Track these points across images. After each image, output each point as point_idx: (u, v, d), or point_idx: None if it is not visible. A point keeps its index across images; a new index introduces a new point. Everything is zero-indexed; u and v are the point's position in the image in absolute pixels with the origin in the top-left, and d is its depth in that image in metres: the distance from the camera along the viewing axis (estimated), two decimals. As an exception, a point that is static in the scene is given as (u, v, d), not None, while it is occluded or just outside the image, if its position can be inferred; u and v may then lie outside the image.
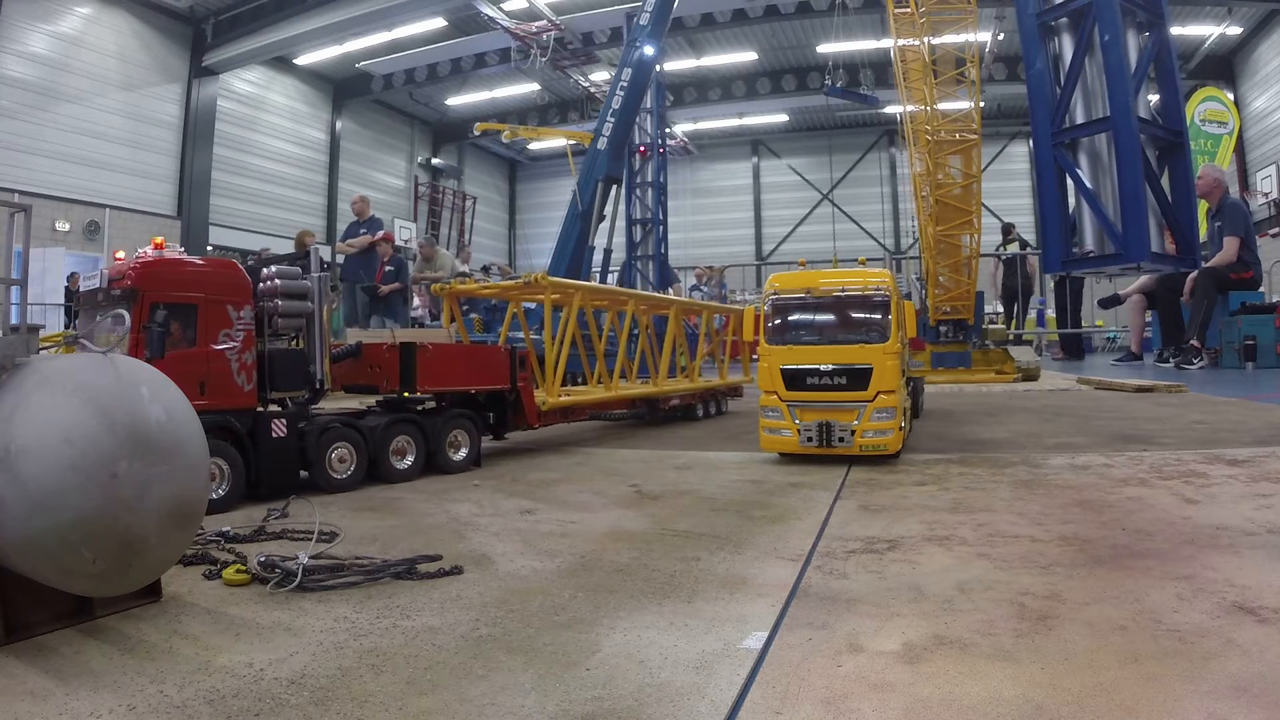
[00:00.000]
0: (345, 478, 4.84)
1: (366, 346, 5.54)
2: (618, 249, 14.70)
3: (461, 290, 7.39)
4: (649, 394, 7.99)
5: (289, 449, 4.64)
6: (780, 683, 1.99)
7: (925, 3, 12.53)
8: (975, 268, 13.41)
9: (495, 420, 6.15)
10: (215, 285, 4.49)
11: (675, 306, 8.75)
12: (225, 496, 4.24)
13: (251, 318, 4.59)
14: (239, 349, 4.48)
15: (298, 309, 4.89)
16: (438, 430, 5.40)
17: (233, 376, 4.45)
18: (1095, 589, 2.60)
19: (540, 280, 6.47)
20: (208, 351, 4.36)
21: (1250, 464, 4.70)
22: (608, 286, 9.88)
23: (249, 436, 4.46)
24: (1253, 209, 18.84)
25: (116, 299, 4.20)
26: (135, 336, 4.03)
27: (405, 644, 2.31)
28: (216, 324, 4.41)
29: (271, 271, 4.87)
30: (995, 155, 27.74)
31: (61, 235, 17.78)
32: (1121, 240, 9.25)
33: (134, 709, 1.92)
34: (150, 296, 4.13)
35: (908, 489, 4.44)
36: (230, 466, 4.30)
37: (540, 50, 21.60)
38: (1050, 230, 10.46)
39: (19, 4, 17.01)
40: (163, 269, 4.30)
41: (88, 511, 2.23)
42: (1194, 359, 12.87)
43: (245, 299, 4.57)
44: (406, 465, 5.20)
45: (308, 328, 4.99)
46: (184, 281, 4.37)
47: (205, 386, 4.29)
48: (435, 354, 5.56)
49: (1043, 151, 10.18)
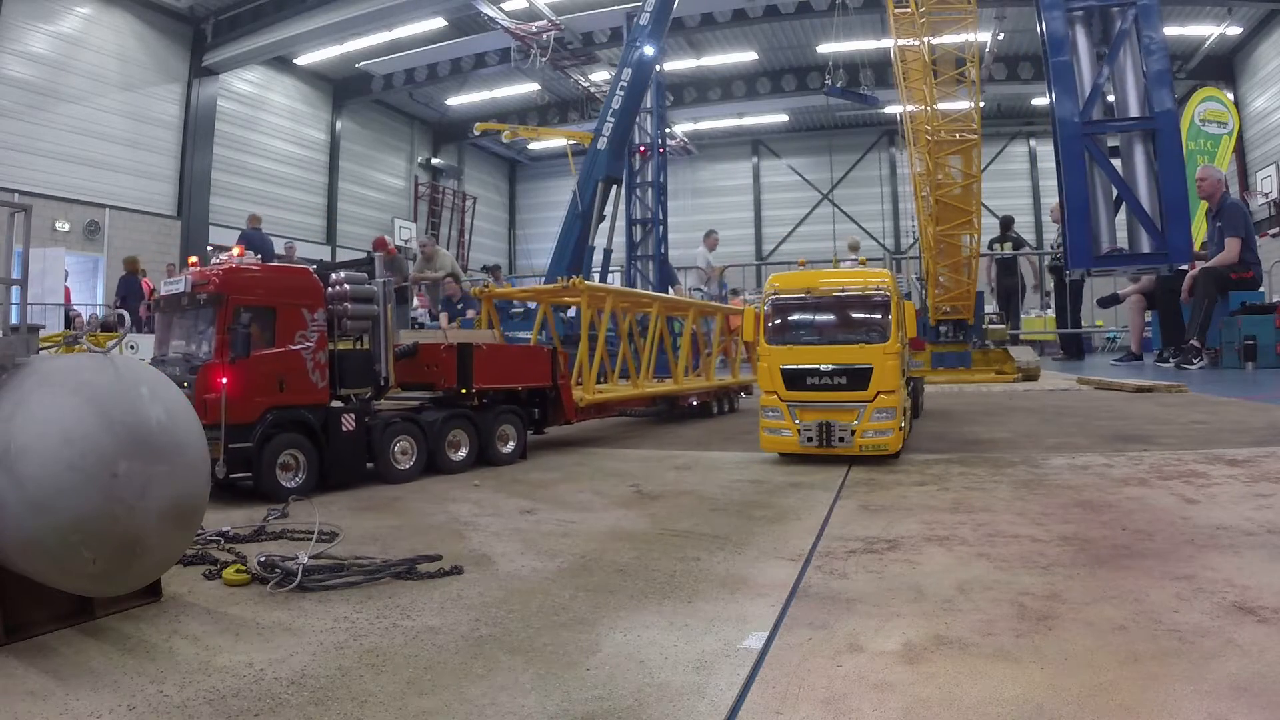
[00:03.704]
0: (407, 469, 5.17)
1: (423, 347, 5.86)
2: (618, 249, 14.69)
3: (500, 293, 7.87)
4: (672, 391, 8.42)
5: (357, 442, 4.96)
6: (780, 683, 1.99)
7: (925, 3, 12.51)
8: (975, 268, 13.39)
9: (538, 416, 6.52)
10: (291, 290, 4.83)
11: (693, 308, 9.19)
12: (300, 486, 4.58)
13: (324, 320, 4.91)
14: (313, 349, 4.80)
15: (365, 311, 5.20)
16: (489, 425, 5.78)
17: (308, 375, 4.76)
18: (1095, 589, 2.60)
19: (576, 284, 6.96)
20: (285, 351, 4.68)
21: (1250, 464, 4.70)
22: (636, 290, 10.21)
23: (322, 430, 4.77)
24: (1253, 209, 18.83)
25: (201, 303, 4.54)
26: (221, 338, 4.40)
27: (405, 644, 2.31)
28: (293, 326, 4.73)
29: (340, 276, 5.19)
30: (995, 155, 27.72)
31: (61, 235, 17.76)
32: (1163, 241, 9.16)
33: (134, 709, 1.92)
34: (234, 301, 4.48)
35: (908, 489, 4.44)
36: (305, 458, 4.65)
37: (540, 50, 21.59)
38: (1076, 225, 9.98)
39: (19, 4, 17.00)
40: (244, 275, 4.69)
41: (87, 511, 2.23)
42: (1194, 359, 12.86)
43: (318, 302, 4.90)
44: (461, 457, 5.55)
45: (373, 329, 5.31)
46: (263, 287, 4.73)
47: (284, 384, 4.64)
48: (488, 354, 5.97)
49: (1071, 143, 9.70)
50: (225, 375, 4.37)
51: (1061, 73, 9.76)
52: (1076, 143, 9.69)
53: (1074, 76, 9.67)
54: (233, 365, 4.39)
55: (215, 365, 4.39)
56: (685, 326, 8.86)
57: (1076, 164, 9.80)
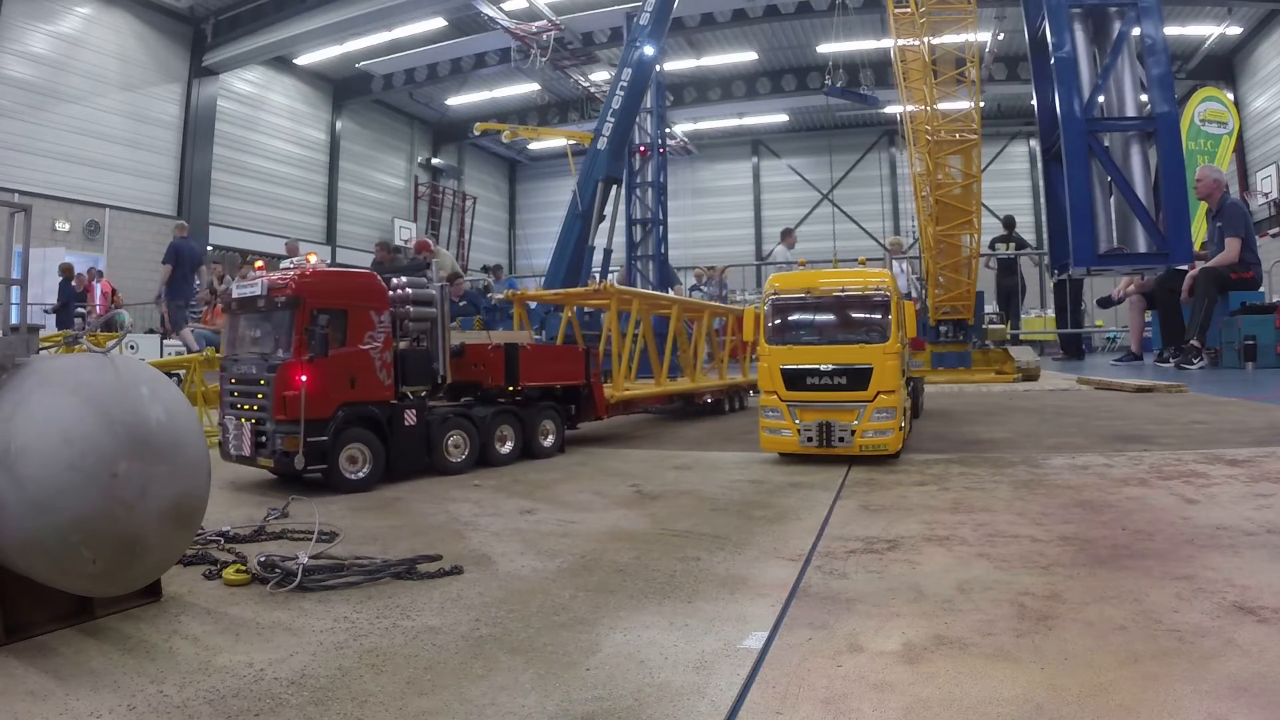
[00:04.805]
0: (460, 461, 5.44)
1: (470, 347, 6.08)
2: (618, 249, 14.70)
3: (531, 296, 8.27)
4: (689, 389, 8.81)
5: (418, 436, 5.24)
6: (780, 683, 1.99)
7: (925, 3, 12.51)
8: (975, 268, 13.39)
9: (574, 412, 6.77)
10: (361, 293, 5.07)
11: (708, 310, 9.56)
12: (366, 478, 4.84)
13: (389, 321, 5.15)
14: (380, 348, 5.05)
15: (425, 314, 5.50)
16: (532, 420, 6.06)
17: (376, 373, 5.02)
18: (1095, 589, 2.60)
19: (607, 289, 7.47)
20: (356, 351, 4.94)
21: (1250, 464, 4.70)
22: (657, 293, 10.62)
23: (387, 425, 5.03)
24: (1253, 209, 18.82)
25: (279, 305, 4.75)
26: (300, 339, 4.64)
27: (405, 644, 2.31)
28: (362, 327, 4.98)
29: (402, 281, 5.47)
30: (995, 155, 27.73)
31: (61, 235, 17.78)
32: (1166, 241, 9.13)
33: (134, 709, 1.92)
34: (311, 303, 4.72)
35: (908, 489, 4.44)
36: (372, 451, 4.90)
37: (540, 50, 21.59)
38: (1080, 223, 9.85)
39: (19, 4, 17.00)
40: (319, 279, 4.92)
41: (87, 511, 2.22)
42: (1194, 359, 12.85)
43: (384, 305, 5.15)
44: (507, 451, 5.83)
45: (431, 329, 5.58)
46: (336, 290, 4.97)
47: (355, 381, 4.90)
48: (531, 353, 6.27)
49: (1074, 139, 9.58)
50: (304, 373, 4.61)
51: (1063, 68, 9.69)
52: (1081, 139, 9.60)
53: (1077, 72, 9.61)
54: (310, 364, 4.66)
55: (294, 364, 4.64)
56: (700, 327, 9.25)
57: (1080, 160, 9.70)
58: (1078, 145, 9.71)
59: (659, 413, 9.31)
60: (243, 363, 4.98)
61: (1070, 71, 9.62)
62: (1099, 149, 9.55)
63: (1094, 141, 9.52)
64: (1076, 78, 9.60)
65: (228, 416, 4.99)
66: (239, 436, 4.85)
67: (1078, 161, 9.81)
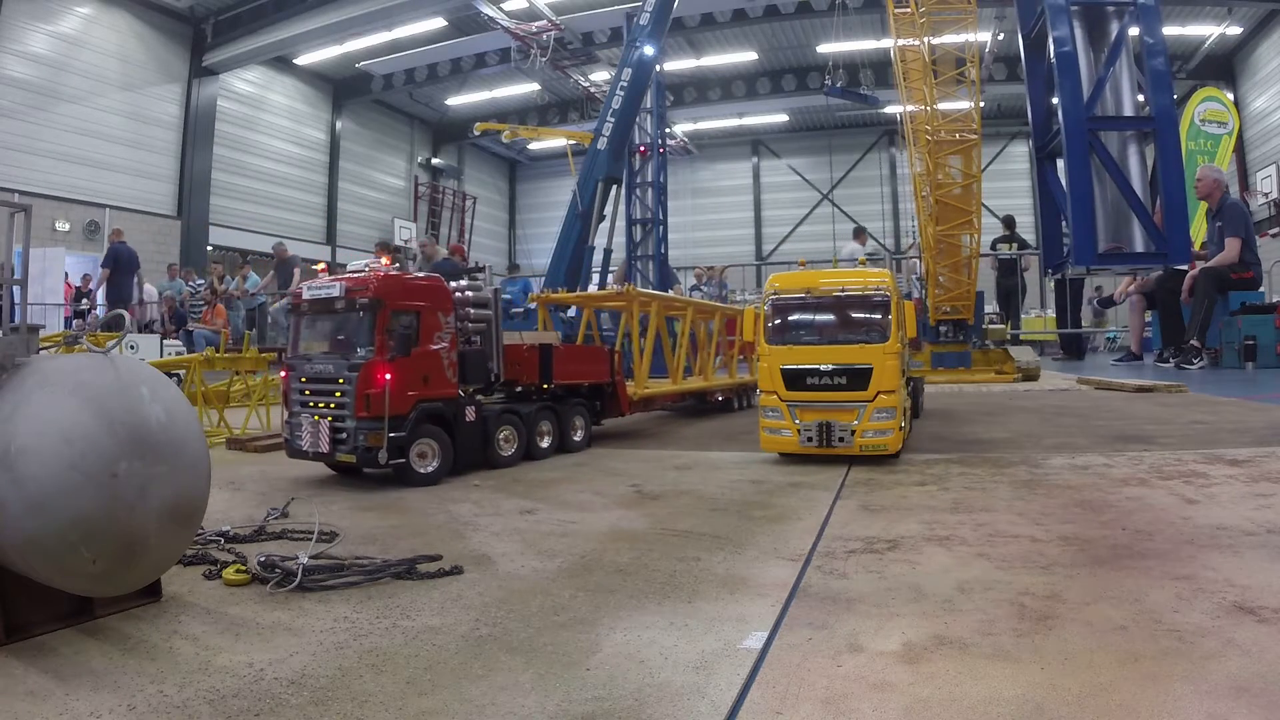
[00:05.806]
0: (510, 455, 5.67)
1: (506, 347, 6.19)
2: (618, 249, 14.69)
3: (554, 298, 8.47)
4: (703, 388, 9.08)
5: (477, 431, 5.46)
6: (780, 683, 1.99)
7: (925, 3, 12.51)
8: (975, 268, 13.38)
9: (598, 408, 7.00)
10: (431, 296, 5.25)
11: (720, 312, 9.81)
12: (435, 471, 5.03)
13: (454, 323, 5.37)
14: (447, 348, 5.27)
15: (483, 316, 5.77)
16: (567, 416, 6.33)
17: (444, 371, 5.25)
18: (1095, 589, 2.60)
19: (630, 291, 7.79)
20: (429, 350, 5.14)
21: (1250, 464, 4.70)
22: (672, 295, 10.79)
23: (453, 421, 5.24)
24: (1253, 209, 18.82)
25: (358, 307, 4.91)
26: (381, 339, 4.83)
27: (405, 644, 2.31)
28: (433, 328, 5.19)
29: (461, 284, 5.71)
30: (995, 155, 27.73)
31: (61, 235, 17.78)
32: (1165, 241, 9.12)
33: (134, 709, 1.92)
34: (390, 305, 4.91)
35: (908, 489, 4.44)
36: (440, 446, 5.09)
37: (540, 50, 21.60)
38: (1081, 220, 9.79)
39: (19, 4, 17.01)
40: (396, 282, 5.13)
41: (87, 511, 2.22)
42: (1194, 359, 12.85)
43: (450, 307, 5.36)
44: (547, 445, 6.08)
45: (487, 330, 5.84)
46: (411, 293, 5.15)
47: (428, 379, 5.10)
48: (563, 353, 6.54)
49: (1076, 137, 9.55)
50: (387, 371, 4.80)
51: (1064, 63, 9.67)
52: (1082, 135, 9.58)
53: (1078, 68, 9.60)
54: (392, 363, 4.85)
55: (378, 363, 4.81)
56: (714, 328, 9.47)
57: (1082, 156, 9.67)
58: (1079, 141, 9.68)
59: (673, 409, 9.59)
60: (317, 361, 5.08)
61: (1071, 67, 9.60)
62: (1099, 146, 9.53)
63: (1093, 139, 9.50)
64: (1077, 72, 9.58)
65: (300, 414, 5.04)
66: (315, 433, 4.92)
67: (1078, 158, 9.79)
